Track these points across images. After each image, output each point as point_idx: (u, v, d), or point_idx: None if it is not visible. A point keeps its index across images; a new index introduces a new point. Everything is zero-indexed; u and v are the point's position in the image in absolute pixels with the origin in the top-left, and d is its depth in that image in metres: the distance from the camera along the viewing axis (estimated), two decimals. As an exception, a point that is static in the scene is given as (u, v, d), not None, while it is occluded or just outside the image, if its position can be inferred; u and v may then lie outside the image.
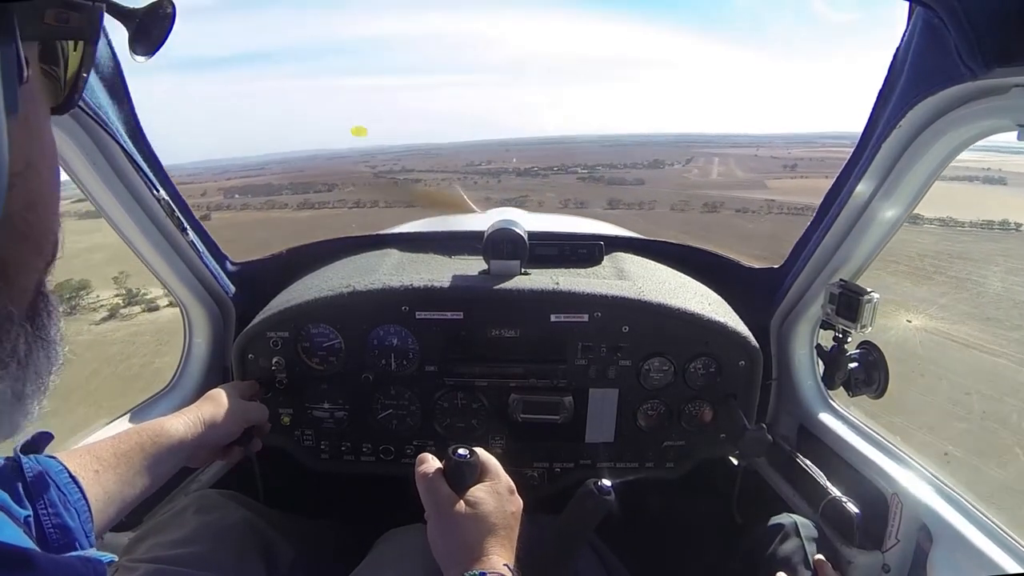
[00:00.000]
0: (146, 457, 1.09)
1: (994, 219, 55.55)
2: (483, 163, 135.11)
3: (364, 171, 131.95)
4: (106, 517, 1.04)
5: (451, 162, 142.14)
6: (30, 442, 0.92)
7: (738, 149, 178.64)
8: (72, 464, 0.95)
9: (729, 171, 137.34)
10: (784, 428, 1.75)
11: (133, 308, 33.19)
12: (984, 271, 35.75)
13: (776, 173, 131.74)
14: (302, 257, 1.86)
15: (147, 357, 22.68)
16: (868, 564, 1.32)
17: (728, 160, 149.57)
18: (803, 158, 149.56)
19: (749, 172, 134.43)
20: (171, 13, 0.96)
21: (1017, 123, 0.99)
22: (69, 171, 1.29)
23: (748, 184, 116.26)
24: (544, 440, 1.63)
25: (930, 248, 39.87)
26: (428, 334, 1.56)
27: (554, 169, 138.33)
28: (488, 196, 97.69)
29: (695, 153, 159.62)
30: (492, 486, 1.01)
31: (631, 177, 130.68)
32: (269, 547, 1.29)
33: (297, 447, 1.67)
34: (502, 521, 0.97)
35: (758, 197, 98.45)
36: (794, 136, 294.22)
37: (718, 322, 1.52)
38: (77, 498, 0.90)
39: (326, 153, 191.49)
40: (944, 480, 1.31)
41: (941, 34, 0.97)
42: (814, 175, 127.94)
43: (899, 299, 27.32)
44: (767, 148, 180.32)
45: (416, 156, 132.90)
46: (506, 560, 0.92)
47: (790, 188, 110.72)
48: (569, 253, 1.76)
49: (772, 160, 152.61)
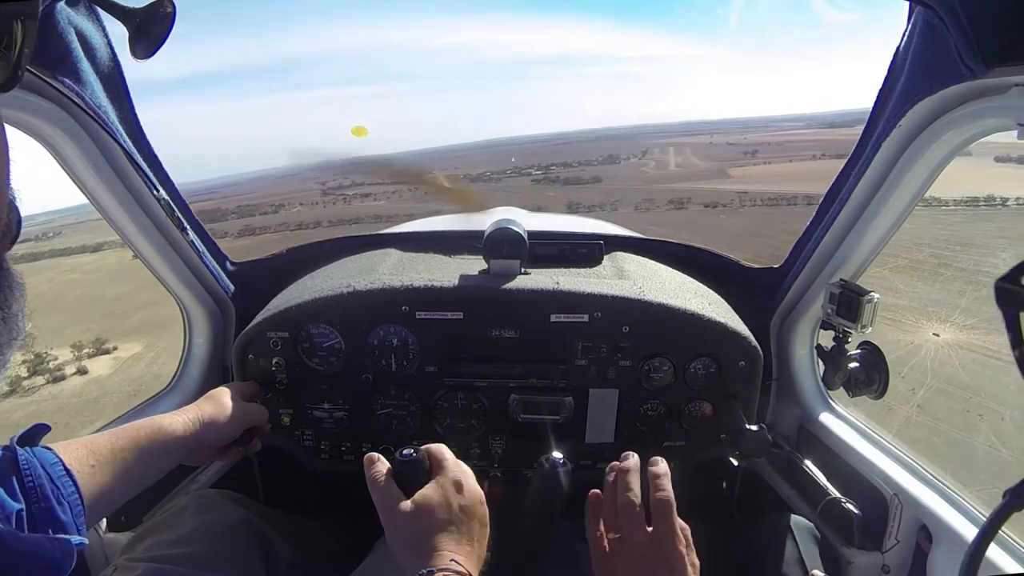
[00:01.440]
0: (142, 454, 1.09)
1: (978, 195, 52.09)
2: (434, 171, 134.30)
3: (313, 188, 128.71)
4: (100, 512, 1.05)
5: (400, 172, 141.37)
6: (27, 434, 0.92)
7: (692, 137, 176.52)
8: (68, 457, 0.95)
9: (687, 161, 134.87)
10: (784, 428, 1.75)
11: (36, 379, 32.09)
12: (993, 259, 32.76)
13: (737, 160, 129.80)
14: (302, 257, 1.86)
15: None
16: (868, 564, 1.32)
17: (684, 150, 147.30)
18: (761, 143, 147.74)
19: (708, 161, 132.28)
20: (171, 13, 0.96)
21: (1017, 122, 0.99)
22: (69, 171, 1.29)
23: (710, 174, 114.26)
24: (544, 440, 1.63)
25: (923, 234, 36.59)
26: (428, 334, 1.56)
27: (507, 172, 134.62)
28: (439, 208, 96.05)
29: (649, 144, 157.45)
30: (438, 481, 1.00)
31: (587, 175, 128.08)
32: (269, 547, 1.29)
33: (297, 447, 1.67)
34: (449, 516, 0.96)
35: (725, 188, 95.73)
36: (748, 120, 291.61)
37: (718, 322, 1.52)
38: (71, 491, 0.91)
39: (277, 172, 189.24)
40: (944, 480, 1.31)
41: (941, 34, 0.97)
42: (777, 160, 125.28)
43: (914, 304, 24.78)
44: (721, 135, 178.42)
45: (365, 168, 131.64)
46: (455, 554, 0.91)
47: (755, 176, 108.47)
48: (569, 253, 1.76)
49: (729, 147, 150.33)
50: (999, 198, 53.27)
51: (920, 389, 18.43)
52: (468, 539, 0.96)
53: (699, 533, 1.03)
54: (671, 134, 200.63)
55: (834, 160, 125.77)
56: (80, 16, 1.10)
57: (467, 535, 0.96)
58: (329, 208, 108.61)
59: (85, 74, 1.13)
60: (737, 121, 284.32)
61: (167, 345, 35.03)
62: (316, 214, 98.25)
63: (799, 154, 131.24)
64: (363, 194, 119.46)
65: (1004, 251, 34.60)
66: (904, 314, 23.26)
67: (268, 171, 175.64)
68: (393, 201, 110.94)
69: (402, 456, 1.02)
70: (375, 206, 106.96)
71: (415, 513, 0.96)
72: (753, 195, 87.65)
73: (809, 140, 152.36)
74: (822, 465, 1.56)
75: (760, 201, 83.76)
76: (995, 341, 21.23)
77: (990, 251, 34.86)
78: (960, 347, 22.13)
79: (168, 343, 37.13)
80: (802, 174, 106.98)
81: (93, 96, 1.16)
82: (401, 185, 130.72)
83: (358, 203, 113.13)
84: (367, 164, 4.17)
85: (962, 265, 32.42)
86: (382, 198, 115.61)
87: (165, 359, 34.51)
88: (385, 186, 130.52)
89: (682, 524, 1.00)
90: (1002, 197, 53.11)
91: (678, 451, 1.65)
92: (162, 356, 36.27)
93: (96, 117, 1.18)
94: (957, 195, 50.23)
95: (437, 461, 1.04)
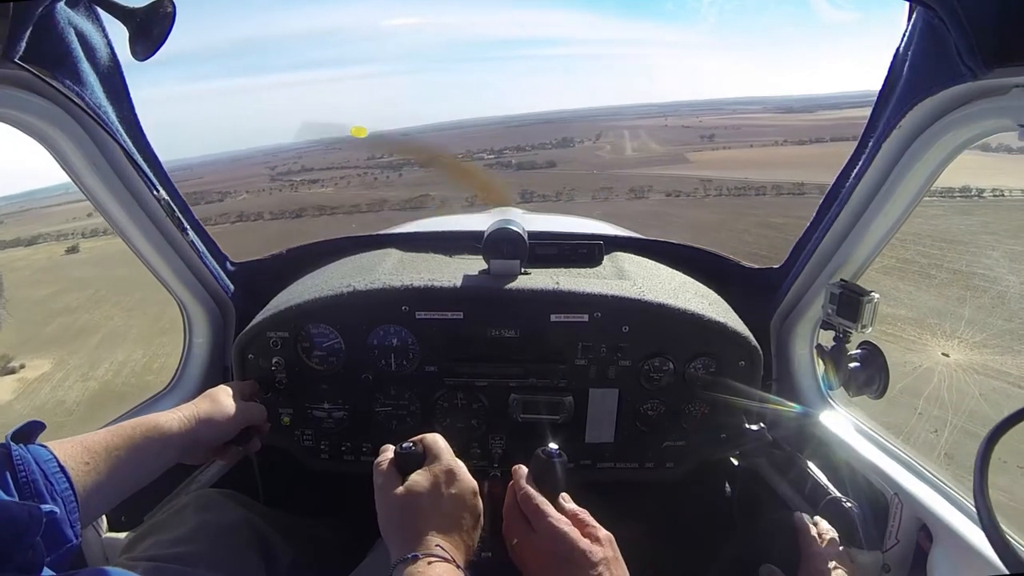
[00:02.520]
0: (138, 451, 1.09)
1: (952, 186, 48.93)
2: (384, 155, 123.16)
3: (263, 173, 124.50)
4: (95, 509, 1.05)
5: (353, 155, 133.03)
6: (21, 430, 0.92)
7: (646, 120, 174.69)
8: (62, 454, 0.96)
9: (644, 145, 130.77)
10: (784, 428, 1.75)
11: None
12: (985, 259, 29.71)
13: (695, 144, 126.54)
14: (302, 257, 1.86)
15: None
16: (868, 564, 1.32)
17: (639, 133, 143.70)
18: (718, 126, 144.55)
19: (665, 145, 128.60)
20: (171, 13, 0.96)
21: (1017, 123, 0.99)
22: (69, 171, 1.29)
23: (669, 159, 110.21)
24: (544, 440, 1.63)
25: (905, 228, 36.20)
26: (428, 334, 1.56)
27: (459, 156, 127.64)
28: (385, 196, 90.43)
29: (603, 127, 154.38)
30: (430, 470, 1.02)
31: (541, 159, 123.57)
32: (268, 546, 1.29)
33: (297, 447, 1.67)
34: (439, 504, 0.98)
35: (686, 174, 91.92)
36: (701, 103, 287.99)
37: (718, 322, 1.52)
38: (64, 488, 0.91)
39: (229, 156, 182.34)
40: (944, 480, 1.31)
41: (941, 34, 0.98)
42: (736, 145, 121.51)
43: (912, 314, 21.83)
44: (676, 117, 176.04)
45: (318, 152, 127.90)
46: (442, 541, 0.92)
47: (716, 161, 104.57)
48: (569, 253, 1.76)
49: (685, 130, 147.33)
50: (975, 189, 51.16)
51: (943, 430, 14.80)
52: (456, 528, 0.97)
53: (699, 533, 1.04)
54: (624, 117, 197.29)
55: (796, 147, 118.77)
56: (80, 16, 1.10)
57: (455, 524, 0.97)
58: (275, 196, 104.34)
59: (85, 74, 1.13)
60: (689, 103, 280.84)
61: (79, 363, 31.79)
62: (260, 203, 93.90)
63: (759, 139, 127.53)
64: (311, 180, 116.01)
65: (994, 249, 31.83)
66: (904, 327, 20.49)
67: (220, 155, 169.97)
68: (340, 188, 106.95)
69: (402, 449, 1.05)
70: (322, 194, 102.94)
71: (404, 498, 0.98)
72: (718, 183, 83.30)
73: (768, 125, 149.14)
74: (822, 465, 1.56)
75: (726, 190, 79.23)
76: (1012, 363, 19.51)
77: (980, 249, 31.95)
78: (976, 371, 18.73)
79: (80, 360, 32.01)
80: (766, 161, 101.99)
81: (93, 96, 1.16)
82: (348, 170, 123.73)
83: (305, 190, 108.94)
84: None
85: (954, 266, 29.35)
86: (329, 185, 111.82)
87: (73, 381, 29.57)
88: (333, 171, 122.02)
89: (574, 509, 1.07)
90: (977, 188, 51.07)
91: (678, 451, 1.65)
92: (71, 377, 30.27)
93: (96, 117, 1.18)
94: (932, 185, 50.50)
95: (432, 452, 1.05)
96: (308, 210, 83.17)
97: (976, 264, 29.37)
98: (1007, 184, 50.85)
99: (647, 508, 1.83)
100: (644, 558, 1.51)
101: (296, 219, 78.97)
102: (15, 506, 0.61)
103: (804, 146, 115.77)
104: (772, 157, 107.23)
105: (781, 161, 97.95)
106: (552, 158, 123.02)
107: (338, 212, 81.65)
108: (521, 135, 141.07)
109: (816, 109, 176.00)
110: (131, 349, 27.17)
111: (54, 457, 0.93)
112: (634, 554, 1.44)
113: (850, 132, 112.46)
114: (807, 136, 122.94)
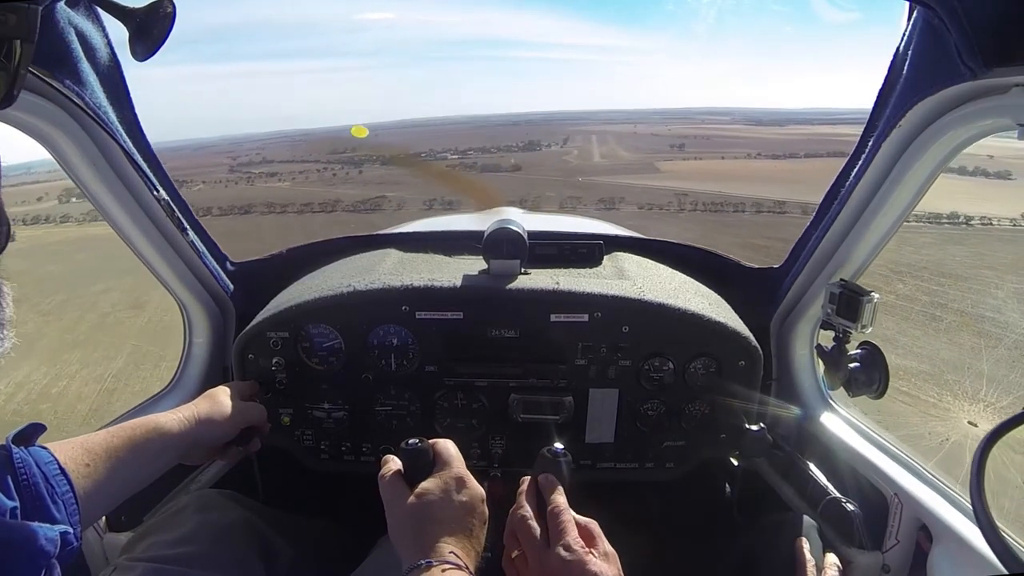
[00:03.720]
0: (138, 452, 1.09)
1: (941, 212, 47.11)
2: (347, 150, 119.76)
3: (224, 162, 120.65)
4: (96, 510, 1.05)
5: (315, 148, 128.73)
6: (22, 432, 0.92)
7: (614, 126, 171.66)
8: (63, 456, 0.96)
9: (612, 152, 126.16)
10: (784, 428, 1.75)
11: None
12: (990, 299, 26.31)
13: (664, 153, 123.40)
14: (302, 256, 1.86)
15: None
16: (868, 564, 1.32)
17: (607, 139, 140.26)
18: (687, 136, 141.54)
19: (635, 152, 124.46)
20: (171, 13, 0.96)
21: (1017, 122, 0.99)
22: (69, 171, 1.29)
23: (639, 167, 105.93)
24: (544, 440, 1.63)
25: (898, 259, 28.62)
26: (428, 334, 1.56)
27: (422, 155, 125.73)
28: (340, 196, 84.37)
29: (570, 132, 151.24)
30: (441, 477, 1.02)
31: (506, 163, 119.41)
32: (269, 547, 1.29)
33: (297, 447, 1.67)
34: (450, 512, 0.98)
35: (658, 185, 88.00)
36: (670, 112, 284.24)
37: (718, 322, 1.52)
38: (65, 490, 0.91)
39: (194, 143, 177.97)
40: (944, 480, 1.31)
41: (941, 34, 0.98)
42: (707, 156, 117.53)
43: (925, 367, 18.62)
44: (645, 124, 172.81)
45: (282, 144, 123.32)
46: (455, 548, 0.93)
47: (687, 172, 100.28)
48: (569, 253, 1.76)
49: (655, 138, 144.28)
50: (962, 216, 49.10)
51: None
52: (467, 535, 0.97)
53: (699, 533, 1.04)
54: (592, 122, 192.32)
55: (770, 161, 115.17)
56: (80, 16, 1.10)
57: (466, 531, 0.98)
58: (230, 188, 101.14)
59: (85, 74, 1.13)
60: (658, 111, 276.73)
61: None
62: (214, 195, 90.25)
63: (731, 151, 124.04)
64: (269, 173, 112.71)
65: (998, 288, 28.09)
66: (920, 385, 17.30)
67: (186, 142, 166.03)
68: (298, 184, 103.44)
69: (407, 446, 1.05)
70: (278, 188, 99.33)
71: (417, 506, 0.98)
72: (694, 197, 79.88)
73: (738, 136, 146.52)
74: (822, 465, 1.56)
75: (702, 205, 75.54)
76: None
77: (982, 286, 28.37)
78: (1012, 448, 17.42)
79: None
80: (740, 174, 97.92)
81: (93, 96, 1.16)
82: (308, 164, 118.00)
83: (262, 184, 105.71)
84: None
85: (960, 307, 25.74)
86: (287, 179, 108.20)
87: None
88: (292, 165, 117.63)
89: (582, 520, 1.02)
90: (965, 215, 48.97)
91: (678, 451, 1.65)
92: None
93: (96, 117, 1.18)
94: (919, 210, 48.15)
95: (443, 458, 1.06)
96: (257, 207, 79.91)
97: (982, 304, 26.36)
98: (992, 211, 49.03)
99: (647, 508, 1.83)
100: (644, 558, 1.52)
101: (244, 215, 76.03)
102: (30, 528, 0.62)
103: (778, 160, 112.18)
104: (746, 170, 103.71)
105: (756, 175, 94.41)
106: (518, 161, 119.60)
107: (288, 211, 78.87)
108: (487, 136, 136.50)
109: (786, 123, 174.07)
110: (35, 366, 21.26)
111: (55, 459, 0.93)
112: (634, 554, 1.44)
113: (824, 149, 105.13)
114: (780, 151, 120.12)
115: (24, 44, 0.56)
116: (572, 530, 0.97)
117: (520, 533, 1.01)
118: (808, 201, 8.46)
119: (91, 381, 19.67)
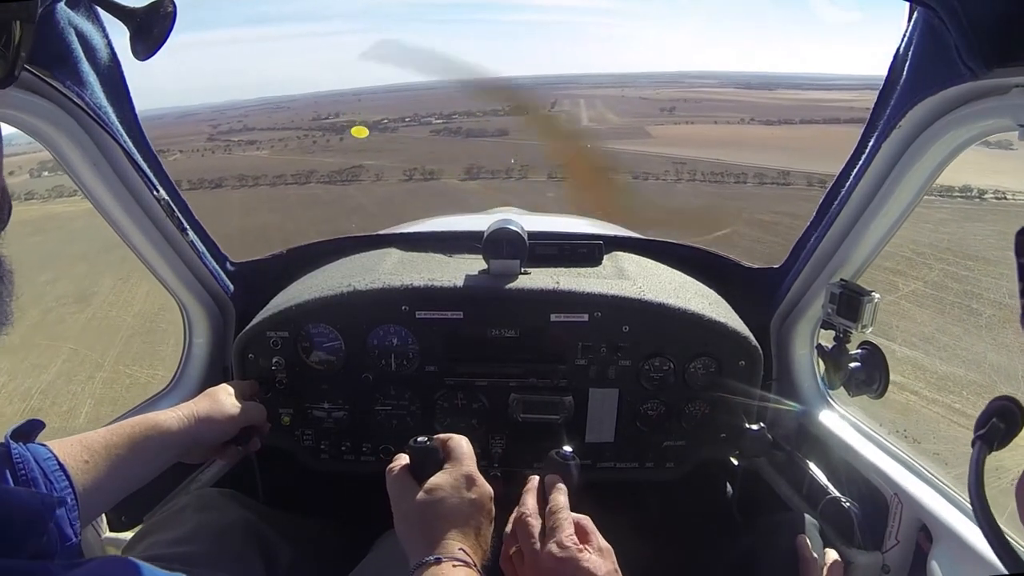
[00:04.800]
0: (137, 450, 1.09)
1: (953, 185, 42.47)
2: (330, 116, 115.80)
3: (205, 131, 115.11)
4: (95, 508, 1.05)
5: (298, 116, 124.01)
6: (21, 429, 0.92)
7: (602, 90, 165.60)
8: (62, 453, 0.96)
9: (600, 116, 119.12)
10: (784, 428, 1.75)
11: None
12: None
13: (655, 117, 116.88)
14: (302, 256, 1.86)
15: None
16: (868, 564, 1.32)
17: (595, 102, 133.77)
18: (678, 99, 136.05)
19: (624, 116, 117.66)
20: (171, 13, 0.96)
21: (1018, 122, 0.99)
22: (69, 171, 1.29)
23: (629, 132, 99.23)
24: (544, 440, 1.64)
25: (919, 238, 25.06)
26: (428, 334, 1.56)
27: (406, 120, 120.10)
28: (315, 166, 78.46)
29: (558, 95, 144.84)
30: (450, 474, 1.02)
31: (492, 127, 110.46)
32: (268, 547, 1.29)
33: (297, 447, 1.67)
34: (459, 508, 0.98)
35: (652, 152, 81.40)
36: (657, 75, 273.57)
37: (718, 322, 1.52)
38: (63, 486, 0.91)
39: (176, 111, 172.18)
40: (944, 480, 1.31)
41: (941, 34, 0.97)
42: (700, 120, 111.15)
43: (971, 375, 15.65)
44: (633, 88, 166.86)
45: (264, 111, 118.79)
46: (464, 545, 0.93)
47: (680, 137, 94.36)
48: (569, 253, 1.76)
49: (644, 102, 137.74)
50: (975, 189, 45.79)
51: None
52: (475, 532, 0.98)
53: (699, 533, 1.03)
54: (580, 86, 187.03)
55: (764, 127, 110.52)
56: (80, 16, 1.10)
57: (475, 528, 0.98)
58: (207, 158, 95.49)
59: (85, 74, 1.13)
60: (646, 75, 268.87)
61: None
62: (190, 166, 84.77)
63: (723, 115, 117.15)
64: (248, 141, 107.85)
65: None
66: (974, 401, 14.36)
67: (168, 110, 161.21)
68: (277, 152, 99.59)
69: (416, 443, 1.05)
70: (255, 157, 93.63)
71: (426, 502, 0.98)
72: (691, 165, 72.19)
73: (729, 100, 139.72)
74: (822, 465, 1.56)
75: (700, 175, 68.29)
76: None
77: (1010, 269, 28.39)
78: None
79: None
80: (735, 140, 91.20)
81: (93, 96, 1.16)
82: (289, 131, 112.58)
83: (240, 152, 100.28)
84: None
85: (995, 297, 21.81)
86: (266, 147, 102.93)
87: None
88: (272, 133, 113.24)
89: (578, 518, 1.02)
90: (978, 188, 45.62)
91: (678, 451, 1.65)
92: None
93: (96, 117, 1.18)
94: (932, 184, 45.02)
95: (455, 454, 1.05)
96: (228, 180, 74.47)
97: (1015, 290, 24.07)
98: (1004, 184, 48.15)
99: (647, 508, 1.83)
100: (644, 558, 1.52)
101: (215, 189, 71.26)
102: (27, 494, 0.62)
103: (772, 127, 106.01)
104: (741, 136, 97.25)
105: (753, 142, 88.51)
106: (504, 126, 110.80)
107: (260, 183, 73.76)
108: (472, 99, 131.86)
109: (776, 87, 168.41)
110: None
111: (53, 455, 0.94)
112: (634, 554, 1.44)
113: (820, 115, 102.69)
114: (774, 116, 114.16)
115: (24, 24, 0.56)
116: (567, 527, 0.98)
117: (519, 530, 1.01)
118: (814, 171, 7.81)
119: (15, 399, 15.72)
